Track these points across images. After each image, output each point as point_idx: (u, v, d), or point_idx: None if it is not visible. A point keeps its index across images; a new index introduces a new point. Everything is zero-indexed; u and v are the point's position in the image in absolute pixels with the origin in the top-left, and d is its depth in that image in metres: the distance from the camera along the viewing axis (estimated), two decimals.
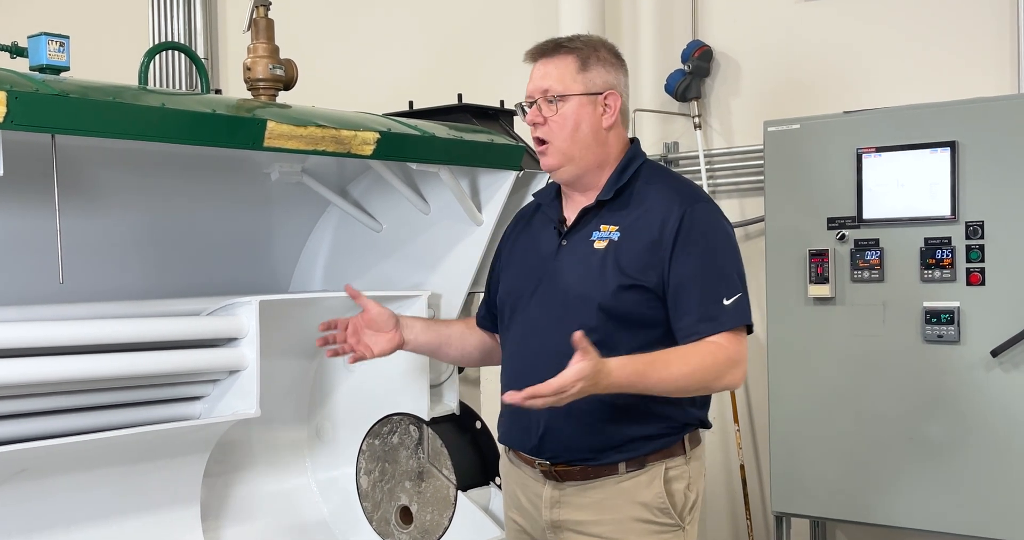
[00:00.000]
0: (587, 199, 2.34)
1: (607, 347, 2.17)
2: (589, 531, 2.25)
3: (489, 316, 2.55)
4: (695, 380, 2.15)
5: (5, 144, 2.01)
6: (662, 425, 2.24)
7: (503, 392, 2.40)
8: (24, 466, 2.30)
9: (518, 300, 2.38)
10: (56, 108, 1.94)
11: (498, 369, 2.49)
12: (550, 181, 2.46)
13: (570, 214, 2.37)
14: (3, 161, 2.01)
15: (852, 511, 3.50)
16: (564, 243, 2.32)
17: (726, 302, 2.18)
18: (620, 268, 2.21)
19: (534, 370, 2.21)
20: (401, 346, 2.49)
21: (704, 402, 2.34)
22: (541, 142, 2.30)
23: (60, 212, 2.20)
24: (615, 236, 2.25)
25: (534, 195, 2.53)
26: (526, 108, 2.30)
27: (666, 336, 2.24)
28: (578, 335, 2.00)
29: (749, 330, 2.26)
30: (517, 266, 2.43)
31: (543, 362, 2.24)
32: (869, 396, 3.44)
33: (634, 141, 2.39)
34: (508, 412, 2.39)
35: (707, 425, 2.35)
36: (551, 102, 2.25)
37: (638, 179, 2.32)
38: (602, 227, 2.27)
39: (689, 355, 2.15)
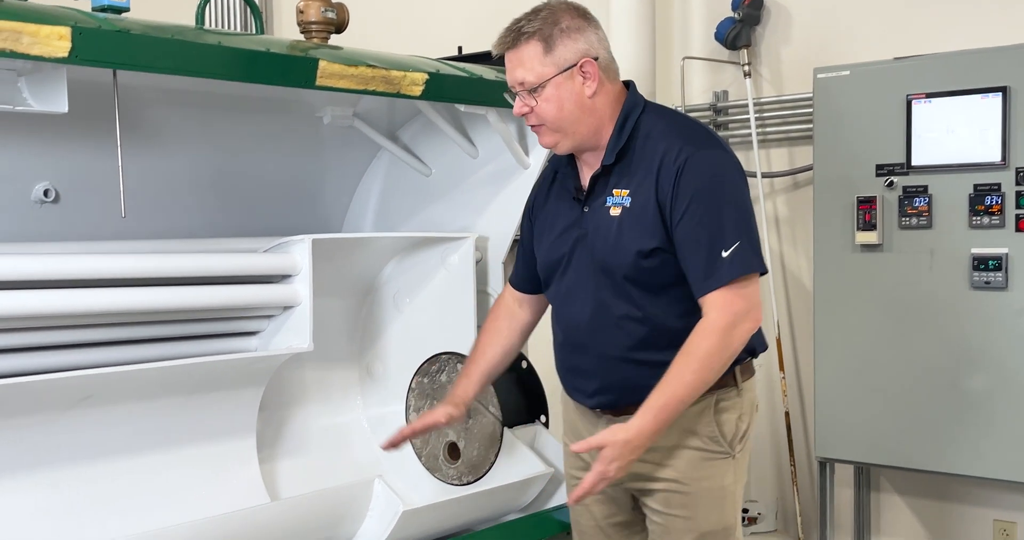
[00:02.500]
0: (592, 166, 2.32)
1: (644, 314, 2.24)
2: (643, 457, 2.30)
3: (526, 277, 2.55)
4: (712, 367, 2.16)
5: (69, 83, 2.10)
6: None
7: (555, 352, 2.47)
8: (90, 393, 2.41)
9: (554, 270, 2.40)
10: (118, 44, 2.02)
11: (546, 314, 2.55)
12: None
13: (585, 179, 2.35)
14: (68, 99, 2.10)
15: (896, 457, 3.53)
16: (586, 209, 2.32)
17: (724, 254, 2.14)
18: (636, 235, 2.22)
19: (577, 335, 2.33)
20: (466, 404, 2.55)
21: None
22: (535, 127, 2.28)
23: (122, 149, 2.29)
24: (627, 201, 2.24)
25: (549, 161, 2.50)
26: (514, 95, 2.27)
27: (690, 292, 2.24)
28: (575, 447, 2.19)
29: (763, 271, 2.24)
30: (549, 236, 2.42)
31: (584, 328, 2.33)
32: (915, 343, 3.46)
33: (628, 87, 2.32)
34: (563, 367, 2.44)
35: (756, 352, 2.36)
36: (531, 92, 2.22)
37: (638, 134, 2.26)
38: (614, 191, 2.26)
39: (690, 355, 2.15)
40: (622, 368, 2.28)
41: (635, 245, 2.21)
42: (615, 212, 2.25)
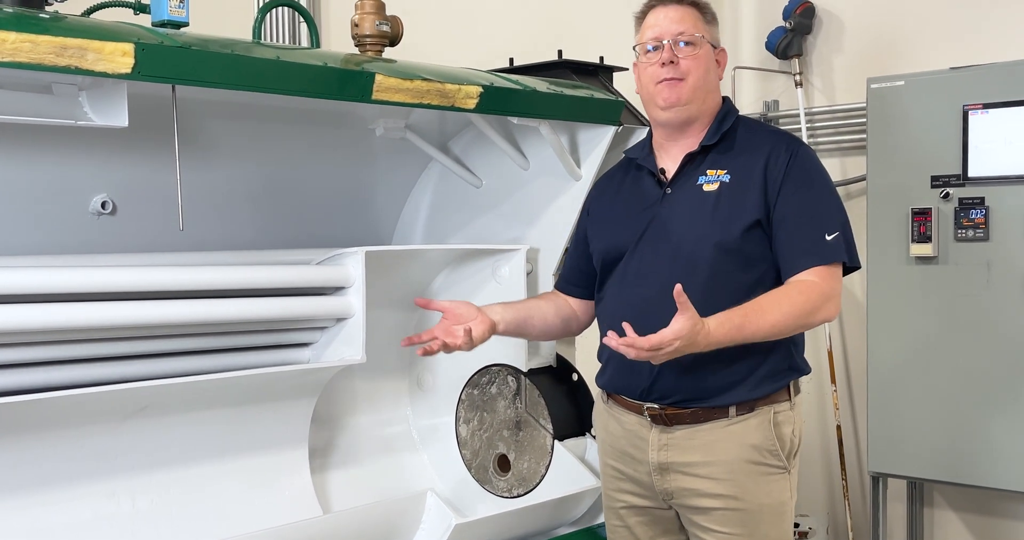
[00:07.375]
0: (685, 148, 2.40)
1: (722, 285, 2.26)
2: (697, 472, 2.29)
3: (573, 281, 2.61)
4: (791, 322, 2.21)
5: (128, 97, 2.11)
6: (768, 368, 2.30)
7: (603, 336, 2.43)
8: (145, 404, 2.43)
9: (620, 251, 2.41)
10: (179, 60, 2.03)
11: (594, 327, 2.52)
12: (667, 118, 2.40)
13: (667, 164, 2.42)
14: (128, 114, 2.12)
15: (952, 472, 3.47)
16: (668, 191, 2.38)
17: (827, 237, 2.26)
18: (740, 207, 2.29)
19: (644, 314, 2.25)
20: (494, 328, 2.39)
21: (802, 348, 2.40)
22: (673, 80, 2.34)
23: (180, 162, 2.30)
24: (725, 178, 2.33)
25: (625, 152, 2.58)
26: (649, 48, 2.36)
27: (773, 271, 2.31)
28: (679, 290, 2.06)
29: (851, 270, 2.33)
30: (615, 221, 2.45)
31: (654, 306, 2.26)
32: (971, 357, 3.39)
33: (726, 98, 2.48)
34: (616, 359, 2.39)
35: (806, 371, 2.40)
36: (687, 45, 2.33)
37: (738, 127, 2.41)
38: (708, 172, 2.35)
39: (782, 299, 2.22)
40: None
41: (736, 215, 2.29)
42: (710, 188, 2.33)
